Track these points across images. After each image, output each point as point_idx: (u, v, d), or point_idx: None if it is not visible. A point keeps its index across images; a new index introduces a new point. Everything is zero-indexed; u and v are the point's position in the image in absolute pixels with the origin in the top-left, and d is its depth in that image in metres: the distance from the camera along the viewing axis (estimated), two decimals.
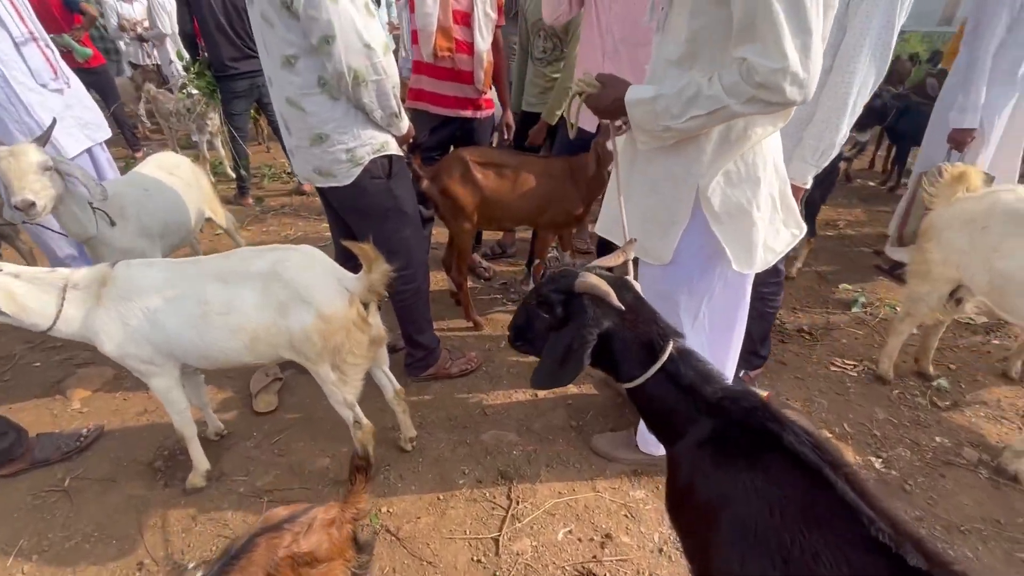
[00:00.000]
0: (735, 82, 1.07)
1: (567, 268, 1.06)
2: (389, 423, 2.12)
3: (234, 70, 4.14)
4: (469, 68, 2.64)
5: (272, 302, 1.50)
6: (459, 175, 2.50)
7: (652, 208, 1.43)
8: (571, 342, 0.99)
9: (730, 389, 0.93)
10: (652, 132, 1.26)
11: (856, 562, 0.67)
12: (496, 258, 3.64)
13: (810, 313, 2.96)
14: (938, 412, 2.23)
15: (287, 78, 1.67)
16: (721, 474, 0.87)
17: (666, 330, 0.98)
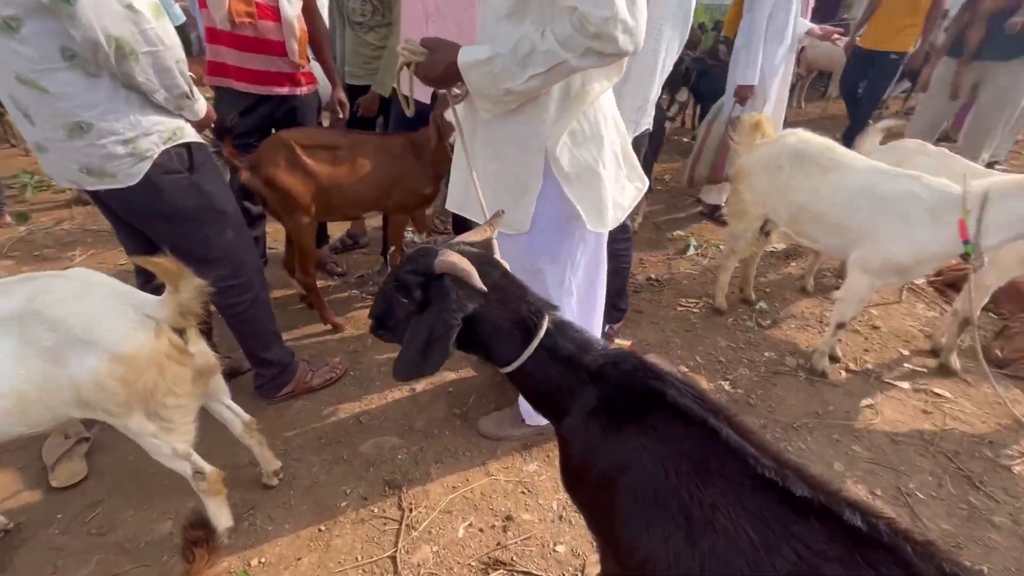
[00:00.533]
0: (569, 35, 1.02)
1: (426, 246, 0.93)
2: (246, 458, 1.81)
3: None
4: (278, 38, 2.28)
5: (37, 350, 1.12)
6: (285, 162, 2.17)
7: (501, 176, 1.36)
8: (433, 329, 0.88)
9: (609, 354, 0.90)
10: (493, 96, 1.18)
11: (750, 504, 0.68)
12: (347, 250, 3.34)
13: (654, 262, 3.23)
14: (763, 331, 2.59)
15: (9, 48, 1.23)
16: (613, 442, 0.84)
17: (538, 305, 0.92)
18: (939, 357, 2.35)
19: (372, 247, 3.39)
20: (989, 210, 1.74)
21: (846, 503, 0.63)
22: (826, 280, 3.01)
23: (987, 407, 2.13)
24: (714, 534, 0.69)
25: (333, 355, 2.36)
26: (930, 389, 2.22)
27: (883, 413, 2.10)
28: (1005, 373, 2.30)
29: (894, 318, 2.69)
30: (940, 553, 0.57)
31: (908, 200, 1.92)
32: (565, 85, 1.23)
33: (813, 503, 0.64)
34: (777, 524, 0.65)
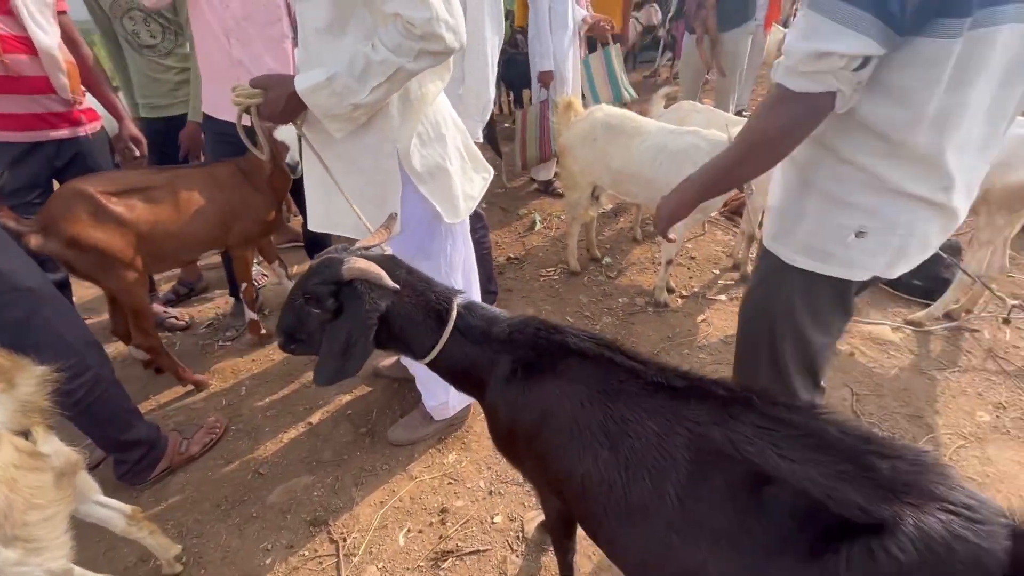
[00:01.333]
0: (399, 42, 1.10)
1: (328, 256, 0.96)
2: (134, 556, 1.59)
3: None
4: (38, 72, 1.93)
5: None
6: (87, 215, 1.88)
7: (361, 186, 1.38)
8: (351, 332, 0.94)
9: (514, 322, 1.02)
10: (342, 116, 1.20)
11: (648, 406, 0.87)
12: (184, 299, 2.97)
13: (509, 242, 3.47)
14: (613, 281, 2.98)
15: None
16: (533, 396, 0.97)
17: (445, 293, 1.00)
18: (739, 270, 2.96)
19: (211, 290, 3.07)
20: None
21: (711, 382, 0.85)
22: (650, 228, 3.54)
23: None
24: (629, 438, 0.87)
25: (206, 415, 2.14)
26: (739, 296, 2.80)
27: (714, 324, 2.59)
28: None
29: (704, 247, 3.30)
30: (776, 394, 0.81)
31: (692, 151, 2.38)
32: (404, 91, 1.29)
33: (689, 389, 0.85)
34: (670, 414, 0.85)
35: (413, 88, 1.32)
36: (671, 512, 0.81)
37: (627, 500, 0.86)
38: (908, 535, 0.62)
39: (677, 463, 0.82)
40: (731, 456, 0.77)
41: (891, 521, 0.63)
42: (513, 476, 1.83)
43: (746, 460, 0.76)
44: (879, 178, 0.96)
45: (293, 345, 1.01)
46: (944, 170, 0.93)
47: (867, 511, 0.65)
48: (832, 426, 0.73)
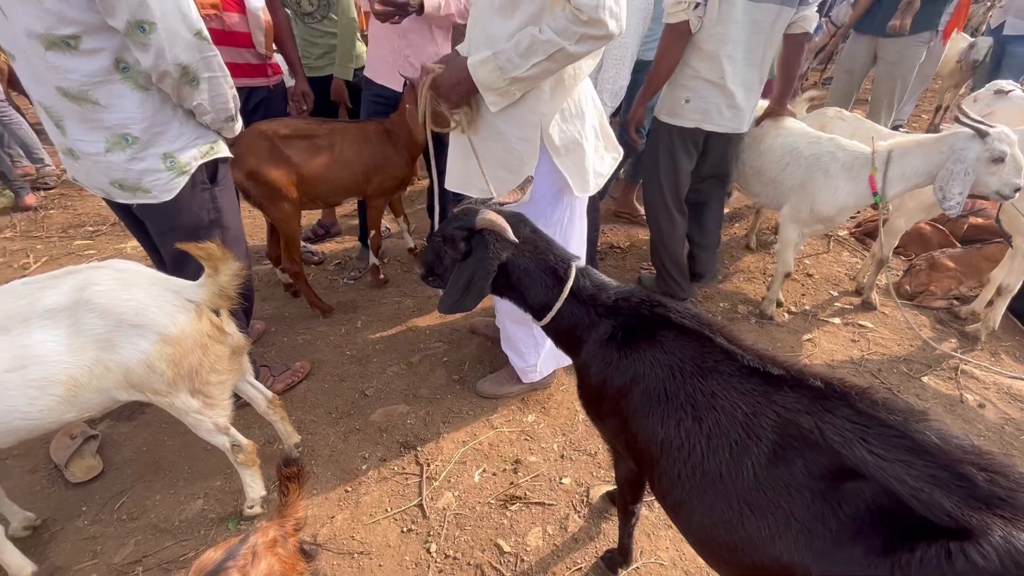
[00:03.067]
0: (565, 26, 1.20)
1: (468, 206, 1.11)
2: (263, 439, 1.92)
3: None
4: (244, 29, 2.30)
5: (89, 338, 1.20)
6: (266, 153, 2.23)
7: (500, 154, 1.52)
8: (474, 273, 1.08)
9: (621, 291, 1.10)
10: (500, 89, 1.33)
11: (740, 387, 0.91)
12: (320, 239, 3.39)
13: (615, 232, 3.49)
14: (716, 285, 2.91)
15: (62, 63, 1.24)
16: (628, 359, 1.05)
17: (564, 255, 1.11)
18: (862, 295, 2.74)
19: (344, 234, 3.46)
20: (891, 166, 2.08)
21: (809, 373, 0.87)
22: (766, 237, 3.37)
23: (901, 333, 2.54)
24: (715, 412, 0.92)
25: (324, 340, 2.47)
26: (856, 322, 2.60)
27: (820, 345, 2.45)
28: (913, 304, 2.73)
29: (824, 266, 3.09)
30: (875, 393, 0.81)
31: (827, 159, 2.24)
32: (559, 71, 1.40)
33: (785, 378, 0.88)
34: (761, 396, 0.88)
35: (568, 68, 1.42)
36: (746, 486, 0.86)
37: (704, 468, 0.91)
38: (993, 544, 0.62)
39: (760, 442, 0.86)
40: (817, 443, 0.80)
41: (978, 529, 0.64)
42: (585, 446, 1.92)
43: (831, 450, 0.78)
44: (693, 68, 2.16)
45: (430, 278, 1.18)
46: (720, 65, 2.11)
47: (954, 516, 0.66)
48: (932, 433, 0.73)
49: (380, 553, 1.58)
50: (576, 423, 2.02)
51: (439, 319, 2.61)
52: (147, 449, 1.92)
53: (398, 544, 1.61)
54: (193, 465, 1.85)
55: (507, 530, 1.64)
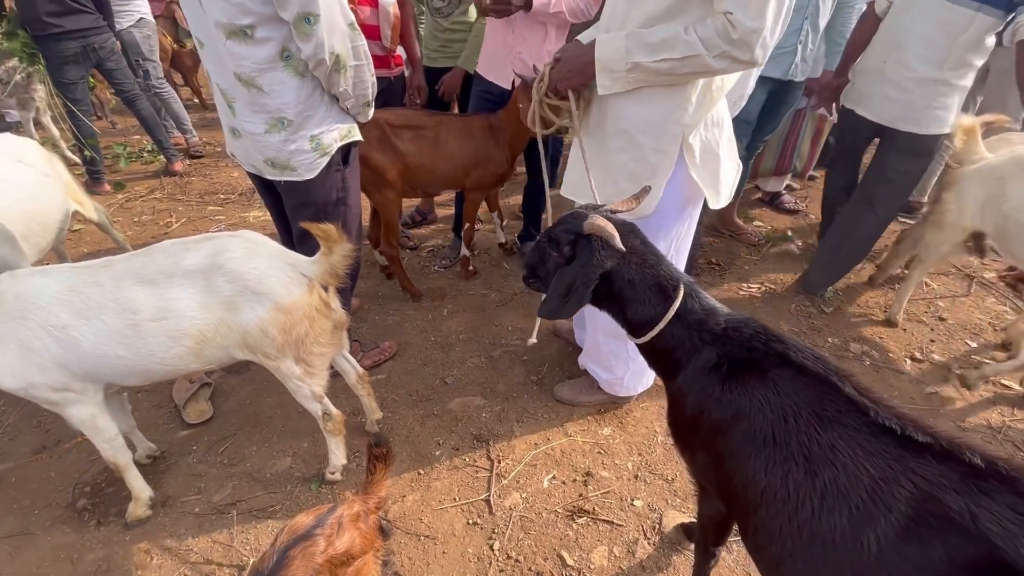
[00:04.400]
0: (710, 36, 1.13)
1: (577, 211, 1.08)
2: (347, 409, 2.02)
3: (56, 28, 3.38)
4: (374, 23, 2.44)
5: (218, 299, 1.32)
6: (377, 141, 2.34)
7: (628, 164, 1.44)
8: (575, 279, 1.05)
9: (732, 318, 1.02)
10: (617, 73, 1.26)
11: (868, 446, 0.80)
12: (417, 226, 3.52)
13: (717, 245, 3.29)
14: (825, 316, 2.64)
15: (239, 51, 1.38)
16: (732, 394, 0.97)
17: (674, 273, 1.05)
18: (1009, 351, 2.36)
19: (439, 223, 3.57)
20: None
21: (962, 445, 0.74)
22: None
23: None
24: (833, 468, 0.82)
25: (412, 322, 2.56)
26: (998, 380, 2.25)
27: (948, 401, 2.14)
28: None
29: (962, 310, 2.70)
30: None
31: None
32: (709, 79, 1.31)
33: (931, 446, 0.76)
34: (895, 462, 0.77)
35: (716, 78, 1.34)
36: (865, 559, 0.76)
37: (813, 529, 0.82)
38: None
39: (890, 514, 0.75)
40: (966, 529, 0.68)
41: None
42: (662, 470, 1.83)
43: (985, 539, 0.67)
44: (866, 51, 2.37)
45: (531, 279, 1.16)
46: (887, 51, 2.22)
47: None
48: None
49: (445, 540, 1.61)
50: (654, 444, 1.93)
51: (523, 316, 2.62)
52: (250, 403, 2.11)
53: (463, 535, 1.63)
54: (287, 424, 2.00)
55: (572, 543, 1.61)
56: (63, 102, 3.70)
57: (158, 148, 4.22)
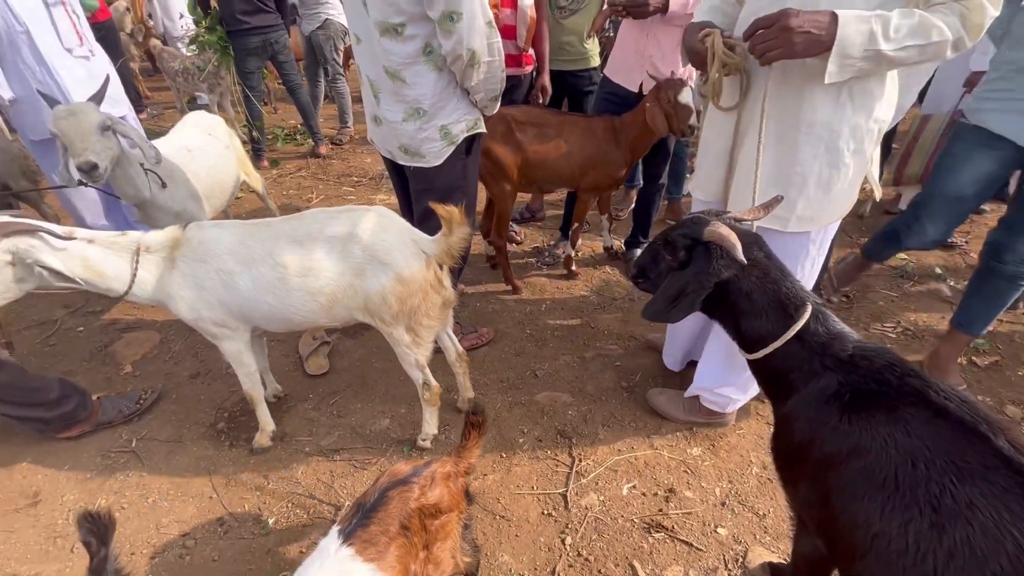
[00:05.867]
0: (952, 23, 1.06)
1: (698, 216, 1.07)
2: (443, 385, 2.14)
3: (245, 24, 3.97)
4: (512, 23, 2.55)
5: (350, 264, 1.49)
6: (501, 135, 2.44)
7: (822, 169, 1.31)
8: (686, 284, 1.03)
9: (862, 346, 0.94)
10: (851, 61, 1.12)
11: (1019, 510, 0.70)
12: (525, 222, 3.62)
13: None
14: (978, 371, 2.28)
15: (389, 47, 1.55)
16: (852, 427, 0.89)
17: (800, 291, 0.99)
18: None
19: (546, 222, 3.63)
20: None
21: None
22: None
23: None
24: (968, 527, 0.73)
25: (511, 313, 2.65)
26: None
27: None
28: None
29: None
30: None
31: None
32: (902, 76, 1.23)
33: None
34: None
35: (901, 75, 1.25)
36: None
37: None
38: None
39: None
40: None
41: None
42: (753, 503, 1.71)
43: None
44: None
45: (640, 280, 1.16)
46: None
47: None
48: None
49: (519, 524, 1.66)
50: (747, 474, 1.81)
51: (620, 321, 2.58)
52: (360, 365, 2.32)
53: (536, 523, 1.66)
54: (388, 389, 2.18)
55: (645, 555, 1.57)
56: (242, 88, 4.33)
57: (308, 132, 4.77)
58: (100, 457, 1.87)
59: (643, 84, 2.49)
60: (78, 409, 1.88)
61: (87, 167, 1.58)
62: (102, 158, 1.61)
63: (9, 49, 2.09)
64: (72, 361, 2.34)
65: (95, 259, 1.41)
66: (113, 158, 1.68)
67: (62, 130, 1.58)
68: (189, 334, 2.46)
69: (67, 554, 1.58)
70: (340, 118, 5.08)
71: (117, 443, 1.93)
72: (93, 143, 1.59)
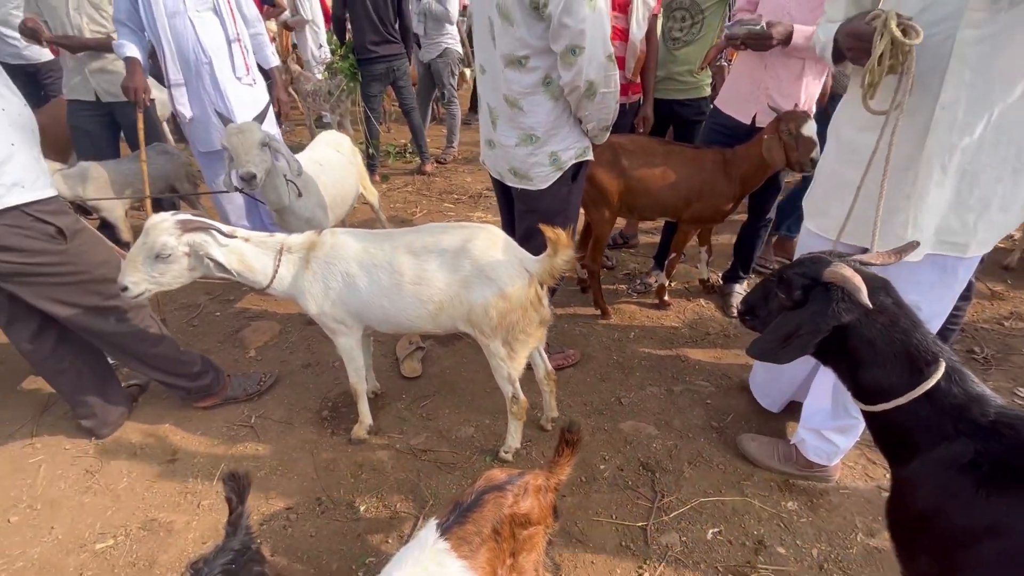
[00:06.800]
0: None
1: (819, 255, 1.03)
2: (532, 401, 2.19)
3: (373, 53, 4.40)
4: (620, 54, 2.60)
5: (459, 277, 1.59)
6: (606, 161, 2.48)
7: (1004, 191, 1.20)
8: (800, 325, 0.99)
9: (1006, 412, 0.85)
10: None
11: None
12: (618, 247, 3.61)
13: (982, 331, 2.65)
14: None
15: (512, 77, 1.66)
16: (991, 503, 0.81)
17: (932, 345, 0.92)
18: None
19: (639, 249, 3.60)
20: None
21: None
22: None
23: None
24: None
25: (599, 338, 2.64)
26: None
27: None
28: None
29: None
30: None
31: None
32: None
33: None
34: None
35: None
36: None
37: None
38: None
39: None
40: None
41: None
42: (857, 571, 1.56)
43: None
44: None
45: (749, 317, 1.13)
46: None
47: None
48: None
49: (596, 551, 1.64)
50: (851, 540, 1.66)
51: (712, 357, 2.49)
52: (450, 373, 2.43)
53: (613, 552, 1.64)
54: (475, 399, 2.26)
55: None
56: (363, 109, 4.78)
57: (417, 151, 5.12)
58: (225, 428, 2.13)
59: (757, 116, 2.43)
60: (213, 383, 2.15)
61: (248, 176, 1.84)
62: (259, 169, 1.87)
63: (194, 76, 2.51)
64: (209, 341, 2.69)
65: (249, 255, 1.63)
66: (267, 169, 1.95)
67: (232, 144, 1.86)
68: (304, 328, 2.73)
69: (195, 508, 1.80)
70: (447, 138, 5.42)
71: (239, 417, 2.18)
72: (254, 156, 1.85)
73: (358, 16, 4.26)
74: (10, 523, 1.77)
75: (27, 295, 1.66)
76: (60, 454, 2.03)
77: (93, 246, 1.79)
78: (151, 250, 1.50)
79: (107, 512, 1.79)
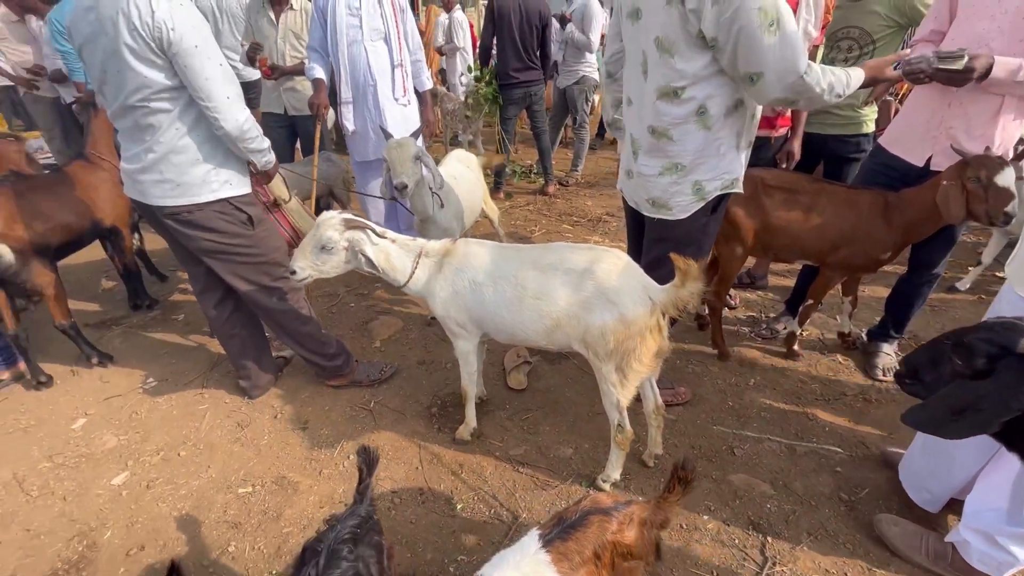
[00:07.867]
0: None
1: (1013, 321, 0.90)
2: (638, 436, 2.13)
3: (514, 79, 4.65)
4: None
5: (580, 297, 1.62)
6: (746, 197, 2.34)
7: None
8: (983, 399, 0.85)
9: None
10: None
11: None
12: (744, 287, 3.38)
13: None
14: None
15: (663, 109, 1.63)
16: None
17: None
18: None
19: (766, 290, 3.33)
20: None
21: None
22: None
23: None
24: None
25: (715, 379, 2.49)
26: None
27: None
28: None
29: None
30: None
31: None
32: None
33: None
34: None
35: None
36: None
37: None
38: None
39: None
40: None
41: None
42: None
43: None
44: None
45: (910, 381, 1.01)
46: None
47: None
48: None
49: None
50: None
51: (847, 420, 2.22)
52: (553, 391, 2.45)
53: None
54: (576, 422, 2.25)
55: None
56: (500, 130, 5.06)
57: (542, 172, 5.29)
58: (348, 408, 2.35)
59: (932, 158, 2.14)
60: (343, 365, 2.40)
61: (401, 187, 2.06)
62: (412, 180, 2.08)
63: (360, 96, 2.86)
64: (343, 328, 3.00)
65: (394, 255, 1.81)
66: (417, 181, 2.15)
67: (391, 157, 2.09)
68: (424, 328, 2.93)
69: (317, 474, 2.01)
70: (573, 162, 5.53)
71: (361, 400, 2.40)
72: (408, 168, 2.06)
73: (504, 45, 4.55)
74: (180, 456, 2.12)
75: (220, 270, 2.01)
76: (221, 406, 2.39)
77: (271, 234, 2.12)
78: (319, 242, 1.73)
79: (250, 463, 2.07)
